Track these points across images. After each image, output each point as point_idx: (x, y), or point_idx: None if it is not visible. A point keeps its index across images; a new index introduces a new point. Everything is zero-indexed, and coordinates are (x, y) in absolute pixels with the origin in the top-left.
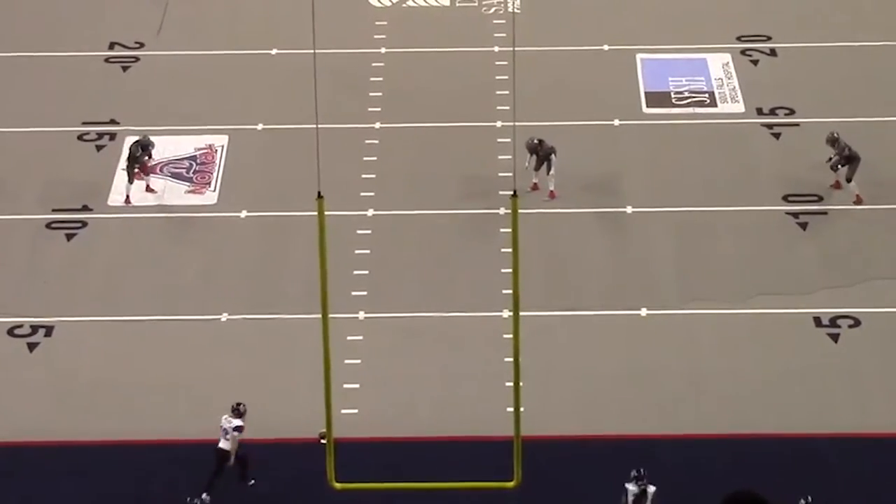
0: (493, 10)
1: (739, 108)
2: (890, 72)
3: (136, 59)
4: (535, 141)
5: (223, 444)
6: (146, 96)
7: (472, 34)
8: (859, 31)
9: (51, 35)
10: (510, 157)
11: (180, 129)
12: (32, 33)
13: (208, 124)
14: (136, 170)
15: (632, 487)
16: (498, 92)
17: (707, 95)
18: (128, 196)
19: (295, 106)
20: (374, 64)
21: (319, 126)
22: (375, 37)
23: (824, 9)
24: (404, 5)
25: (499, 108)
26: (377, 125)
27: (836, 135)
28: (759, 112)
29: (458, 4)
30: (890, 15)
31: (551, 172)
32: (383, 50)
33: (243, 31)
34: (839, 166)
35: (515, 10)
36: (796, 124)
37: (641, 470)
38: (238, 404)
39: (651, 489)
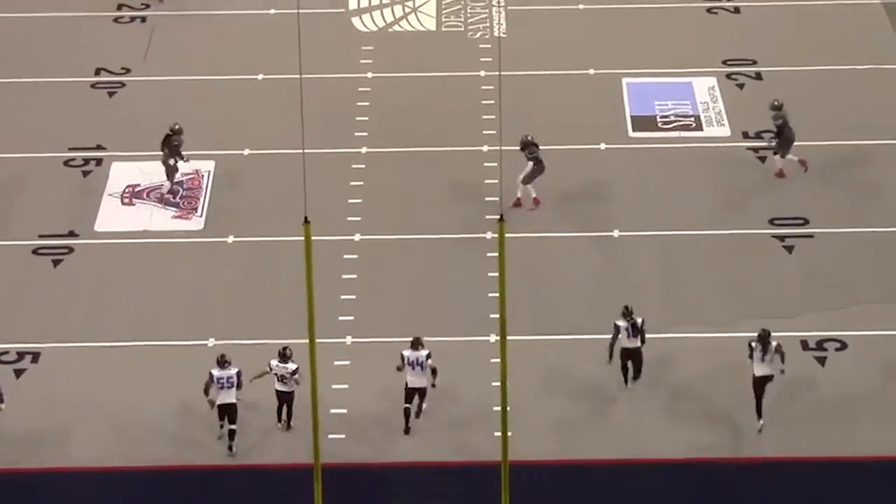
0: (479, 34)
1: (725, 131)
2: (875, 95)
3: (123, 84)
4: (529, 137)
5: (282, 388)
6: (133, 122)
7: (459, 58)
8: (844, 56)
9: (37, 61)
10: (497, 181)
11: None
12: (18, 58)
13: (195, 150)
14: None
15: (622, 323)
16: (484, 116)
17: (693, 119)
18: (171, 188)
19: (281, 131)
20: (360, 88)
21: (306, 151)
22: (362, 61)
23: (809, 33)
24: (390, 30)
25: (485, 132)
26: (364, 150)
27: (779, 102)
28: (745, 135)
29: (443, 29)
30: (874, 40)
31: (527, 176)
32: (370, 74)
33: (229, 56)
34: (772, 140)
35: (501, 35)
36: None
37: (629, 306)
38: (284, 348)
39: (639, 319)
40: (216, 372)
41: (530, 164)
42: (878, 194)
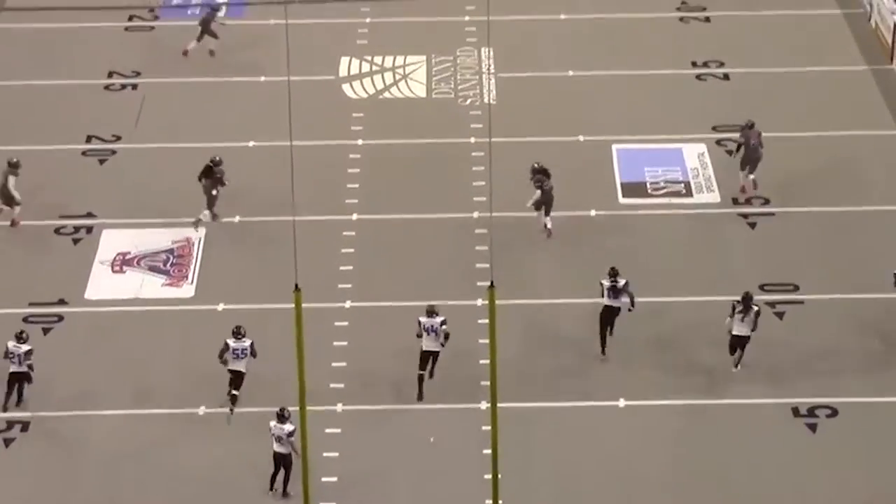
0: (469, 101)
1: (715, 197)
2: (866, 163)
3: (113, 151)
4: (537, 165)
5: (280, 449)
6: (123, 189)
7: (449, 125)
8: (836, 122)
9: (28, 127)
10: (487, 247)
11: (157, 222)
12: (9, 125)
13: (186, 217)
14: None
15: (606, 283)
16: (474, 183)
17: (683, 185)
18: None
19: (272, 197)
20: (351, 155)
21: (297, 218)
22: (352, 128)
23: (799, 99)
24: (381, 97)
25: (475, 198)
26: (354, 216)
27: (750, 122)
28: (735, 202)
29: (434, 96)
30: (863, 107)
31: (536, 202)
32: (360, 141)
33: (221, 123)
34: (734, 153)
35: (491, 102)
36: (771, 213)
37: (614, 267)
38: (282, 409)
39: (622, 281)
40: (231, 342)
41: (538, 191)
42: (870, 260)
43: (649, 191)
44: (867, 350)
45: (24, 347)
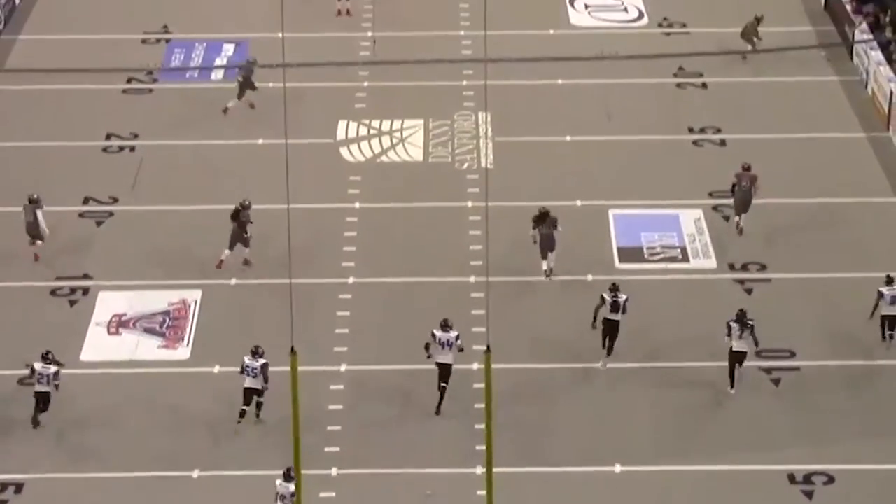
0: (465, 165)
1: (711, 263)
2: (864, 229)
3: (111, 213)
4: (543, 210)
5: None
6: (120, 251)
7: (446, 189)
8: (833, 188)
9: (26, 188)
10: (483, 311)
11: (153, 283)
12: (8, 186)
13: (182, 279)
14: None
15: (608, 297)
16: (471, 247)
17: (679, 251)
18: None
19: (268, 260)
20: (348, 218)
21: (293, 280)
22: (349, 191)
23: (796, 165)
24: (378, 160)
25: (472, 262)
26: (350, 280)
27: (749, 166)
28: (731, 267)
29: (431, 160)
30: (860, 173)
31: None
32: (357, 205)
33: (218, 185)
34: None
35: (488, 166)
36: (768, 280)
37: (616, 283)
38: (288, 469)
39: (622, 297)
40: (247, 360)
41: (534, 232)
42: (868, 327)
43: (646, 256)
44: (864, 416)
45: (52, 369)
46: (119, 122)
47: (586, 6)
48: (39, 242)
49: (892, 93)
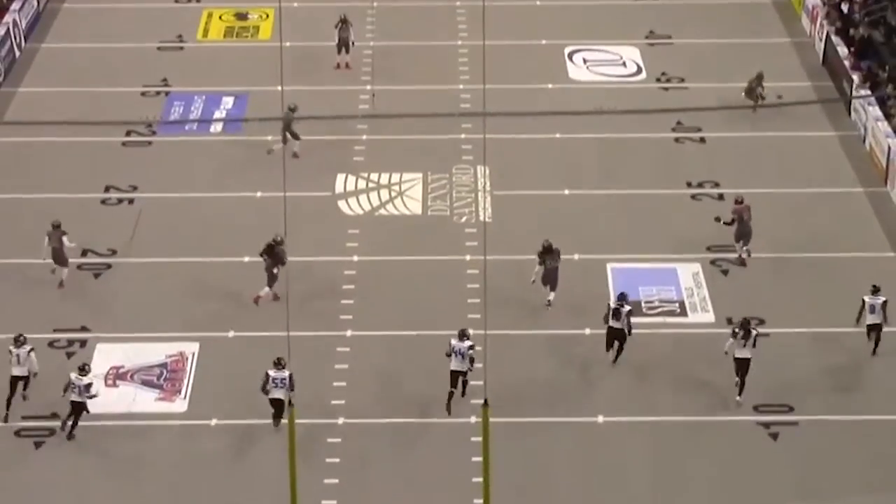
0: (464, 218)
1: (710, 317)
2: (862, 284)
3: (108, 266)
4: (547, 244)
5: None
6: (117, 303)
7: (444, 242)
8: (831, 244)
9: (23, 241)
10: (481, 365)
11: (151, 336)
12: (6, 238)
13: (179, 331)
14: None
15: (612, 304)
16: (469, 300)
17: (677, 305)
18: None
19: (266, 313)
20: (346, 272)
21: (291, 333)
22: (348, 244)
23: (794, 220)
24: (376, 214)
25: (470, 315)
26: (349, 333)
27: (741, 199)
28: (730, 322)
29: (429, 213)
30: (858, 229)
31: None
32: (355, 258)
33: (215, 238)
34: (726, 223)
35: (487, 219)
36: (766, 335)
37: (625, 294)
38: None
39: (626, 308)
40: (272, 372)
41: (539, 269)
42: (864, 384)
43: (644, 310)
44: (864, 471)
45: (85, 380)
46: (118, 174)
47: (585, 61)
48: (65, 269)
49: (889, 148)
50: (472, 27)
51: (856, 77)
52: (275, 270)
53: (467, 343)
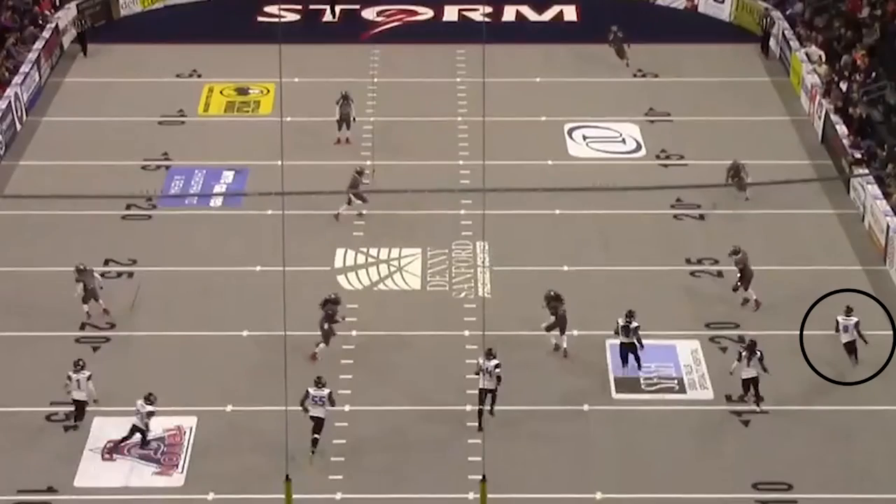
0: (463, 294)
1: (708, 394)
2: (861, 363)
3: (107, 339)
4: (553, 293)
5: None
6: (115, 376)
7: (443, 318)
8: (831, 322)
9: (21, 313)
10: (479, 440)
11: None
12: (5, 311)
13: (177, 405)
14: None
15: (621, 321)
16: (468, 376)
17: (676, 382)
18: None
19: (265, 388)
20: (344, 346)
21: (289, 408)
22: (347, 319)
23: (793, 298)
24: (375, 288)
25: (468, 391)
26: (347, 408)
27: (737, 247)
28: (729, 399)
29: (429, 288)
30: (858, 307)
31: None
32: (354, 333)
33: (215, 311)
34: (738, 283)
35: (486, 295)
36: (765, 412)
37: (631, 310)
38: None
39: (634, 324)
40: (312, 390)
41: (552, 316)
42: (864, 462)
43: (643, 386)
44: None
45: (148, 408)
46: (118, 247)
47: (585, 137)
48: (101, 301)
49: (888, 227)
50: (471, 103)
51: (855, 155)
52: (325, 326)
53: (494, 362)
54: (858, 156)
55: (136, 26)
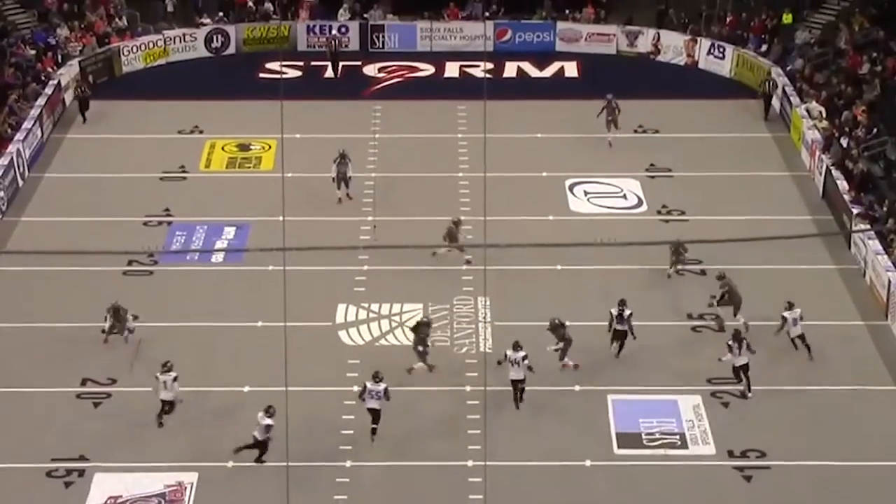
0: (464, 349)
1: (710, 450)
2: (863, 419)
3: (108, 395)
4: (557, 321)
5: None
6: (116, 432)
7: (444, 373)
8: (832, 377)
9: (21, 372)
10: (481, 496)
11: (149, 465)
12: (6, 367)
13: (178, 461)
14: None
15: (614, 311)
16: (469, 431)
17: (678, 437)
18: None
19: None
20: (346, 402)
21: (290, 464)
22: (348, 375)
23: (793, 353)
24: (377, 344)
25: (470, 447)
26: (348, 463)
27: (721, 272)
28: (731, 454)
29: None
30: (859, 362)
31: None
32: (355, 388)
33: (215, 367)
34: (716, 304)
35: (488, 350)
36: (767, 467)
37: (624, 300)
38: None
39: (627, 311)
40: (369, 384)
41: (561, 343)
42: None
43: (644, 442)
44: None
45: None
46: (120, 303)
47: (586, 193)
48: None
49: (890, 282)
50: (473, 158)
51: (855, 211)
52: (419, 348)
53: (522, 353)
54: (858, 210)
55: (138, 83)
